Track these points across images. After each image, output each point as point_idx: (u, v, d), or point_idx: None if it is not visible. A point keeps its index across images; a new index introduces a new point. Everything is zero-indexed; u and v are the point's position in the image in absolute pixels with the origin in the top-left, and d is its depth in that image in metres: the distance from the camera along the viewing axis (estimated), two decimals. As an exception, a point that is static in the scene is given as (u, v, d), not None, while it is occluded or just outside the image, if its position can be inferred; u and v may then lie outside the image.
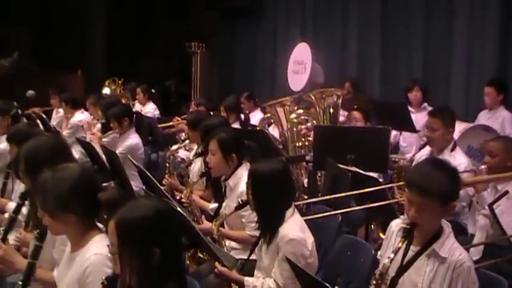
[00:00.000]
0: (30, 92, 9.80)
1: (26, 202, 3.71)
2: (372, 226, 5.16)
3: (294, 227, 3.45)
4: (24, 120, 6.93)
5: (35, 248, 3.05)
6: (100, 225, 2.98)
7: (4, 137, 5.59)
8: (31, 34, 12.01)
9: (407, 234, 2.92)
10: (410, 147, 7.20)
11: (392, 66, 9.87)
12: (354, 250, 3.92)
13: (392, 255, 2.88)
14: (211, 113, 7.37)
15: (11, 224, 3.75)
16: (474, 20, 8.62)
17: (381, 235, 4.80)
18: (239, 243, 4.33)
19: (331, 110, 6.77)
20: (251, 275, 3.64)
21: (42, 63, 11.82)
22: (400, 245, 2.90)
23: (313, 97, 6.84)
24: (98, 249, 2.81)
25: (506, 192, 4.08)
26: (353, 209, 4.63)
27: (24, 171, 3.53)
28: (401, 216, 3.22)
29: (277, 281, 3.42)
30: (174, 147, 6.49)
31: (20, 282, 3.02)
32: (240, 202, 3.88)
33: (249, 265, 3.75)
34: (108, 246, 2.57)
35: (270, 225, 3.51)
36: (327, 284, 2.56)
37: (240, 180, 4.29)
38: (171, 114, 10.21)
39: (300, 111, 6.84)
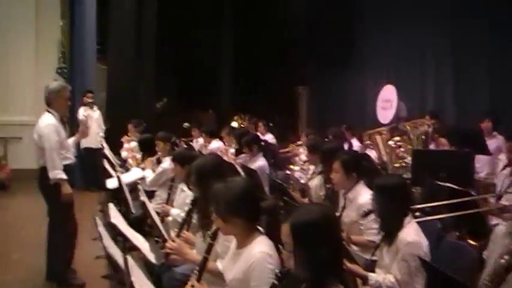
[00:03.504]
0: (186, 124, 10.12)
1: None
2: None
3: (411, 232, 3.26)
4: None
5: (209, 245, 2.94)
6: (260, 228, 2.86)
7: (167, 158, 5.74)
8: (176, 82, 12.40)
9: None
10: (483, 167, 6.85)
11: (461, 104, 9.31)
12: (457, 251, 3.62)
13: (506, 257, 2.66)
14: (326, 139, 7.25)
15: (184, 224, 3.74)
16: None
17: (469, 241, 4.51)
18: (358, 246, 4.14)
19: (423, 137, 6.57)
20: (372, 271, 3.45)
21: (183, 104, 12.17)
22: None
23: (408, 127, 6.67)
24: (261, 247, 2.71)
25: None
26: (455, 214, 4.32)
27: (195, 182, 3.54)
28: (504, 223, 3.00)
29: (396, 276, 3.22)
30: (296, 168, 6.43)
31: (196, 272, 2.92)
32: (365, 211, 3.74)
33: (370, 264, 3.56)
34: (282, 245, 2.40)
35: (391, 230, 3.32)
36: (461, 280, 2.34)
37: (358, 194, 4.14)
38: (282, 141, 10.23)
39: (397, 138, 6.68)
